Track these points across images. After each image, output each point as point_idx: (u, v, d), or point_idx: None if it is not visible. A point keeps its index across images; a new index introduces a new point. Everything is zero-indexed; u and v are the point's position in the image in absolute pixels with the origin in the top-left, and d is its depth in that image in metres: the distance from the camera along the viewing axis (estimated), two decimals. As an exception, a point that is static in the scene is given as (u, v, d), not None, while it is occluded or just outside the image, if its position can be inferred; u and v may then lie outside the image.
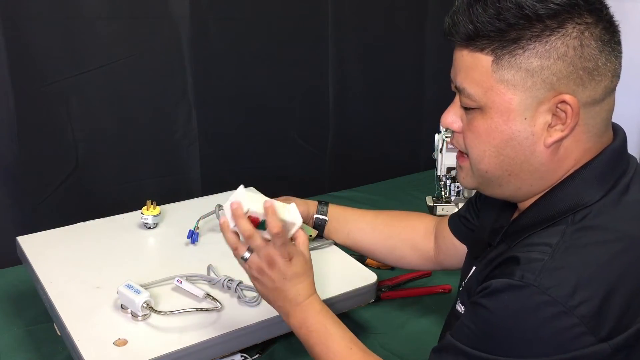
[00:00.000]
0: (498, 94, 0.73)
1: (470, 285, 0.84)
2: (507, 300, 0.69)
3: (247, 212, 0.88)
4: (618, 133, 0.79)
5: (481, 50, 0.73)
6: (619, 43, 0.74)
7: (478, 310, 0.72)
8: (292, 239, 0.92)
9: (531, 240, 0.74)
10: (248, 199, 0.89)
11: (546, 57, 0.70)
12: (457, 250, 1.07)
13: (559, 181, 0.76)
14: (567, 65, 0.70)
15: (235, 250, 0.90)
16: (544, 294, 0.66)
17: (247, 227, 0.87)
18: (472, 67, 0.74)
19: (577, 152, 0.75)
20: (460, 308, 0.86)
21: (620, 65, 0.75)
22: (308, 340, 0.89)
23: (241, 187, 0.91)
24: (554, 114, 0.72)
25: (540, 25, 0.70)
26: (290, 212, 0.91)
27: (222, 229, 0.90)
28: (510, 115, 0.73)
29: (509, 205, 0.86)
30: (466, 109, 0.77)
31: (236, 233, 0.90)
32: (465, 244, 1.05)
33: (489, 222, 0.90)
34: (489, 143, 0.75)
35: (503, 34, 0.71)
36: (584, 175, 0.75)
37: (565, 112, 0.72)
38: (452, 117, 0.80)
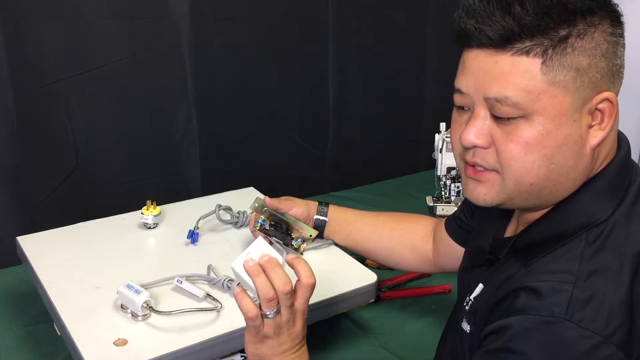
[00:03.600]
0: (550, 97, 0.68)
1: (478, 306, 0.79)
2: (541, 338, 0.65)
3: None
4: (622, 141, 0.77)
5: (526, 53, 0.67)
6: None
7: (505, 357, 0.66)
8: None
9: (547, 266, 0.70)
10: (270, 250, 0.81)
11: (593, 55, 0.67)
12: (454, 252, 1.06)
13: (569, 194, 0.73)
14: (608, 62, 0.69)
15: (269, 302, 0.78)
16: (578, 327, 0.63)
17: (287, 279, 0.78)
18: (514, 73, 0.68)
19: (603, 154, 0.73)
20: (466, 327, 0.81)
21: None
22: None
23: (260, 237, 0.84)
24: (591, 114, 0.69)
25: (582, 22, 0.67)
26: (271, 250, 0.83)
27: (253, 274, 0.78)
28: (562, 119, 0.68)
29: (505, 213, 0.84)
30: (500, 120, 0.70)
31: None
32: (462, 246, 1.03)
33: (487, 229, 0.87)
34: (539, 152, 0.69)
35: (551, 33, 0.66)
36: (593, 189, 0.73)
37: (602, 111, 0.69)
38: (476, 133, 0.72)
